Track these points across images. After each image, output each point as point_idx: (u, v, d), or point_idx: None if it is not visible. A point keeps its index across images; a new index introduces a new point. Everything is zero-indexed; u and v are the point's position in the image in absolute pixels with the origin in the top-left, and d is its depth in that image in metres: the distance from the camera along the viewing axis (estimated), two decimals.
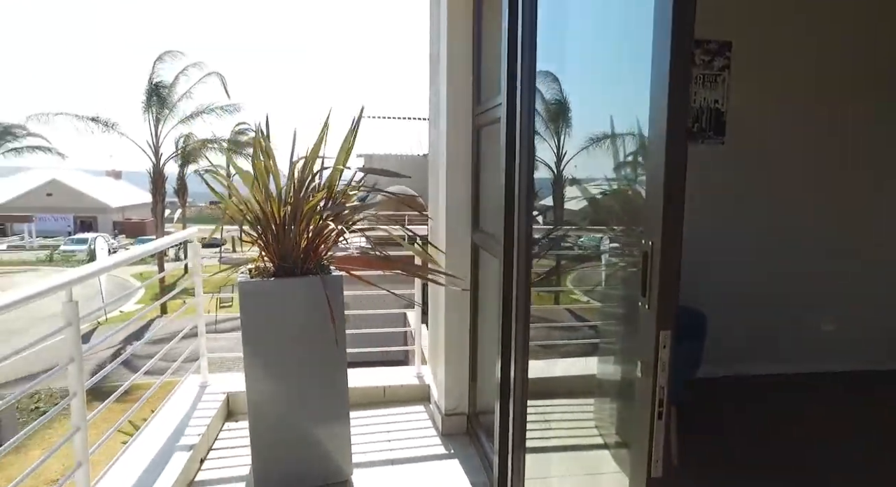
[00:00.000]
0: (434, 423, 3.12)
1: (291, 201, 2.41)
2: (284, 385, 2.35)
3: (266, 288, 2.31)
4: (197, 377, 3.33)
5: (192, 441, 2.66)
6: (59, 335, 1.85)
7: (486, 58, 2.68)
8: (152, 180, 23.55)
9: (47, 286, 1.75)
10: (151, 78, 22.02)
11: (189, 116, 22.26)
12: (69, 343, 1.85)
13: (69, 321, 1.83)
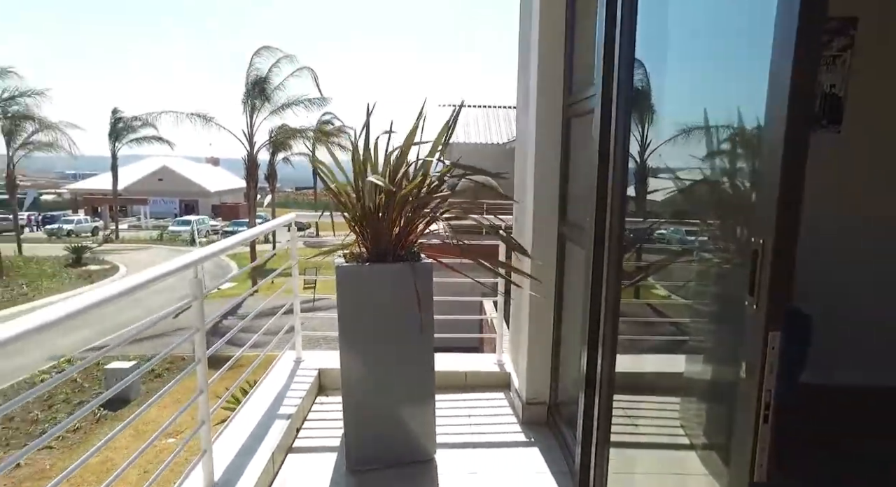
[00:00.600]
0: (514, 411, 3.16)
1: (385, 190, 2.52)
2: (376, 365, 2.48)
3: (361, 273, 2.44)
4: (292, 353, 3.58)
5: (289, 411, 2.89)
6: (188, 306, 2.08)
7: (580, 47, 2.64)
8: (246, 167, 25.14)
9: (179, 264, 1.97)
10: (249, 72, 23.44)
11: (280, 107, 23.44)
12: (194, 314, 2.07)
13: (195, 295, 2.05)
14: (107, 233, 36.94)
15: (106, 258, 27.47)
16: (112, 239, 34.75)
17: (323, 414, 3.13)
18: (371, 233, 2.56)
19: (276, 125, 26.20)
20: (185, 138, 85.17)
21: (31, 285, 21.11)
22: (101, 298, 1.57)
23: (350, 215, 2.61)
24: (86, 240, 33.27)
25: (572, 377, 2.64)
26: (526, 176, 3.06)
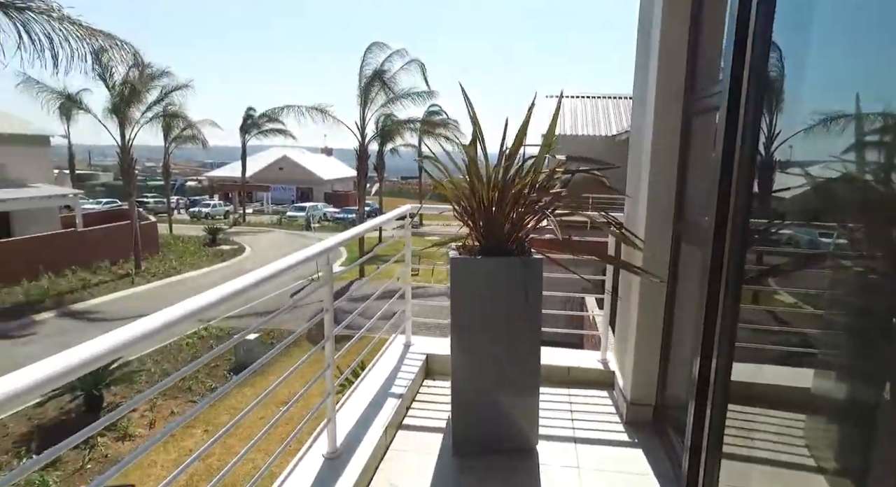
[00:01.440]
0: (618, 410, 3.13)
1: (499, 186, 2.60)
2: (484, 353, 2.60)
3: (474, 266, 2.56)
4: (402, 337, 3.82)
5: (400, 391, 3.11)
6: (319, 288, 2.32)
7: (705, 40, 2.51)
8: (357, 157, 26.48)
9: (314, 251, 2.20)
10: (362, 67, 24.60)
11: (390, 100, 24.31)
12: (325, 296, 2.31)
13: (326, 280, 2.29)
14: (236, 216, 40.95)
15: (234, 239, 30.52)
16: (240, 222, 38.49)
17: (430, 397, 3.32)
18: (483, 227, 2.66)
19: (384, 116, 27.35)
20: (304, 130, 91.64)
21: (178, 260, 24.08)
22: (253, 281, 1.80)
23: (461, 208, 2.73)
24: (219, 222, 37.14)
25: (682, 381, 2.57)
26: (641, 171, 2.99)
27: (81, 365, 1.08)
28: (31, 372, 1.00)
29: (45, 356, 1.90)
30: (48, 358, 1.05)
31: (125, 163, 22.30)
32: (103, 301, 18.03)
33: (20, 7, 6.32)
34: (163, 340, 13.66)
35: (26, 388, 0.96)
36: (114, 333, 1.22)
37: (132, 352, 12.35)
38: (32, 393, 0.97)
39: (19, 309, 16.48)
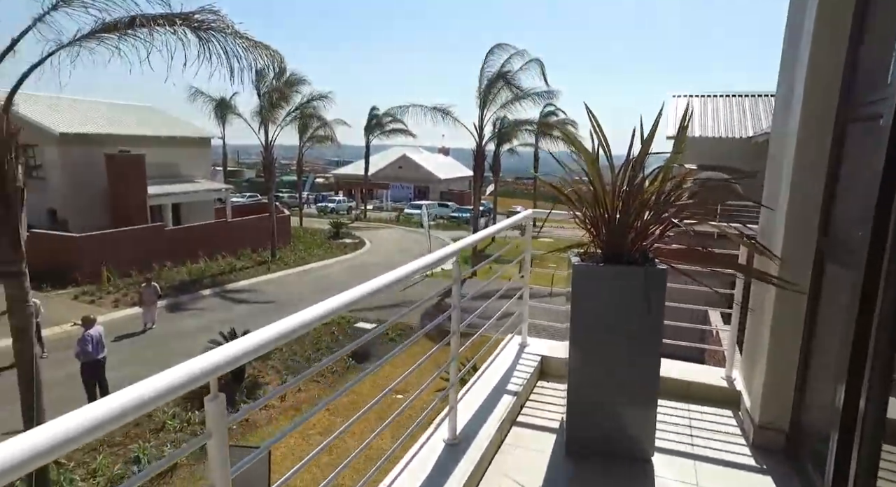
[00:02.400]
0: (743, 432, 2.97)
1: (624, 193, 2.61)
2: (603, 360, 2.62)
3: (596, 273, 2.60)
4: (518, 338, 3.93)
5: (515, 389, 3.22)
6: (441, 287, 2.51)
7: (872, 39, 2.31)
8: (474, 158, 26.91)
9: (445, 253, 2.39)
10: (483, 68, 24.97)
11: (509, 101, 24.38)
12: (454, 294, 2.50)
13: (455, 279, 2.48)
14: (357, 212, 43.67)
15: (356, 233, 32.61)
16: (361, 217, 41.00)
17: (544, 397, 3.40)
18: (606, 234, 2.68)
19: (502, 118, 27.51)
20: (423, 130, 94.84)
21: (307, 251, 26.33)
22: (394, 278, 2.02)
23: (583, 214, 2.76)
24: (343, 217, 39.91)
25: (823, 410, 2.39)
26: (781, 180, 2.80)
27: (264, 344, 1.35)
28: (235, 345, 1.28)
29: (203, 328, 2.22)
30: (237, 340, 1.32)
31: (267, 161, 24.83)
32: (246, 283, 20.29)
33: (206, 28, 7.39)
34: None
35: (226, 361, 1.24)
36: (284, 321, 1.48)
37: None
38: (233, 364, 1.25)
39: (186, 286, 19.13)
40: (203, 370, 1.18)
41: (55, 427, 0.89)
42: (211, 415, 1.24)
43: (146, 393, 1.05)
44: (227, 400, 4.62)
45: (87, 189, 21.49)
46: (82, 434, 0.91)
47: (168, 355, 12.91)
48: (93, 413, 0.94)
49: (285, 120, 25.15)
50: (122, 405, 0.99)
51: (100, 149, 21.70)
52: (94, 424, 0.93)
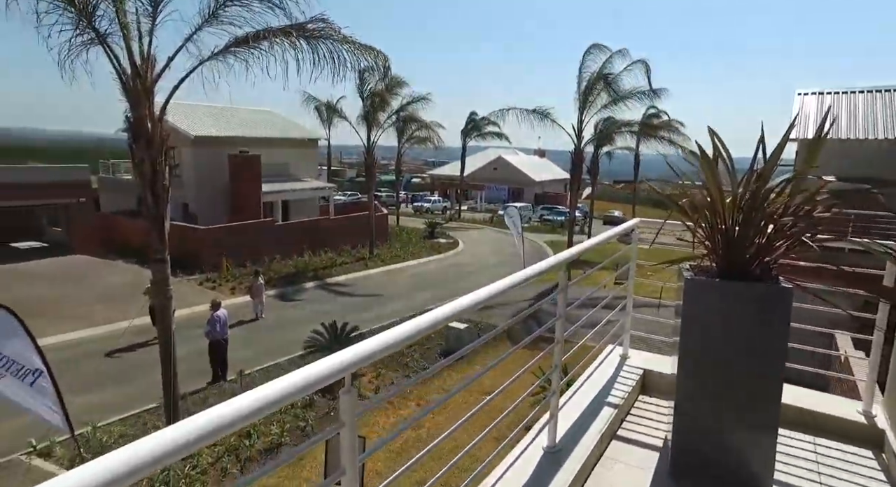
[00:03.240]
0: (889, 477, 2.66)
1: (746, 204, 2.45)
2: (715, 380, 2.49)
3: (711, 288, 2.47)
4: (619, 349, 3.82)
5: (615, 401, 3.15)
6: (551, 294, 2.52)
7: None
8: (572, 161, 26.30)
9: (553, 262, 2.40)
10: (581, 70, 24.32)
11: (611, 102, 23.57)
12: (559, 302, 2.50)
13: (561, 287, 2.48)
14: (452, 212, 44.36)
15: (450, 233, 33.15)
16: (455, 217, 41.60)
17: (646, 412, 3.28)
18: (723, 247, 2.54)
19: (603, 120, 26.63)
20: (520, 132, 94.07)
21: (402, 249, 27.22)
22: (505, 286, 2.07)
23: (697, 224, 2.62)
24: (437, 216, 40.74)
25: None
26: None
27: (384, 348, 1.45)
28: (352, 350, 1.39)
29: (306, 318, 2.37)
30: (356, 344, 1.43)
31: (368, 162, 25.99)
32: (345, 278, 21.41)
33: (317, 36, 7.96)
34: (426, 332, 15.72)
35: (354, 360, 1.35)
36: (411, 322, 1.58)
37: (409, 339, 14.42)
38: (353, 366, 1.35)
39: (291, 278, 20.60)
40: (340, 365, 1.30)
41: (212, 413, 1.01)
42: (344, 406, 1.36)
43: (288, 387, 1.17)
44: (326, 389, 5.06)
45: (212, 186, 23.83)
46: (236, 420, 1.02)
47: (276, 341, 13.99)
48: (241, 403, 1.06)
49: (386, 122, 26.15)
50: (267, 396, 1.11)
51: (224, 150, 23.95)
52: (246, 413, 1.05)
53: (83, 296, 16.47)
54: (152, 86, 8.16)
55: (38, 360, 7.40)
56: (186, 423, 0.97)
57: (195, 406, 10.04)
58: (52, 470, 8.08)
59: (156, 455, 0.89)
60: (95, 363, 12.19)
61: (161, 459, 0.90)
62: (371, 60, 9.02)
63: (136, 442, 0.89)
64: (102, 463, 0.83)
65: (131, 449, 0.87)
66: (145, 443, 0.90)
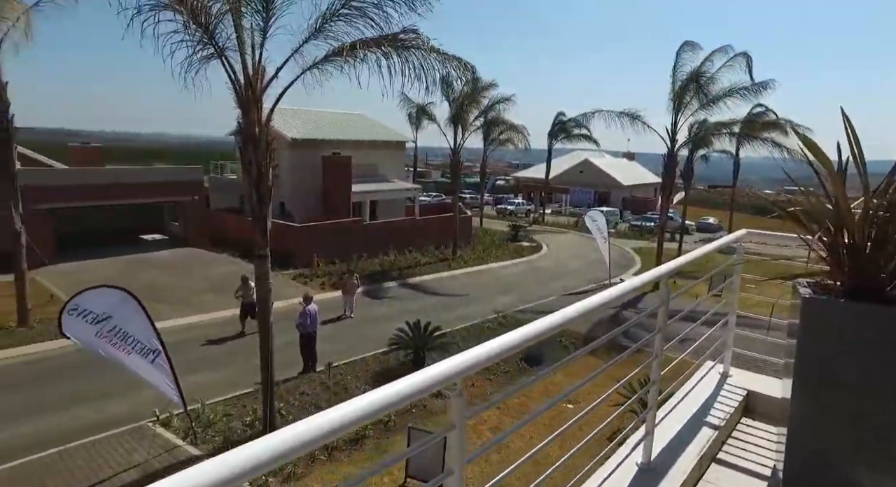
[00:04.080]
0: None
1: (881, 218, 2.23)
2: (838, 411, 2.28)
3: (834, 309, 2.27)
4: (720, 366, 3.61)
5: (715, 422, 2.98)
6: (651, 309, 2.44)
7: None
8: (664, 164, 25.07)
9: (652, 276, 2.33)
10: (675, 69, 23.06)
11: (709, 102, 22.21)
12: (659, 316, 2.42)
13: (663, 300, 2.40)
14: (535, 215, 43.81)
15: (533, 237, 32.77)
16: (539, 221, 41.04)
17: (750, 437, 3.08)
18: (851, 264, 2.32)
19: (699, 120, 25.12)
20: (608, 134, 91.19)
21: (485, 251, 27.31)
22: (603, 301, 2.02)
23: (817, 237, 2.42)
24: (521, 219, 40.39)
25: None
26: None
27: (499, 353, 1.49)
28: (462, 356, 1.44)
29: (390, 316, 2.41)
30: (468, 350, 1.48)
31: (454, 164, 26.33)
32: (428, 278, 21.85)
33: (408, 46, 8.25)
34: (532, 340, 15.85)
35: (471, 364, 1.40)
36: (516, 332, 1.60)
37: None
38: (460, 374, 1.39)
39: (377, 276, 21.35)
40: (452, 370, 1.36)
41: (330, 415, 1.08)
42: (455, 410, 1.42)
43: (404, 389, 1.23)
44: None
45: (306, 186, 25.26)
46: (356, 420, 1.10)
47: (361, 337, 14.58)
48: (359, 404, 1.12)
49: (473, 124, 26.32)
50: (382, 399, 1.17)
51: (318, 151, 25.31)
52: (366, 413, 1.12)
53: (193, 285, 18.11)
54: (261, 94, 8.82)
55: (156, 341, 8.27)
56: (312, 421, 1.06)
57: (288, 393, 10.70)
58: (170, 438, 8.99)
59: (295, 446, 1.00)
60: (200, 347, 13.36)
61: (296, 449, 1.00)
62: (458, 70, 9.20)
63: (276, 433, 1.00)
64: (260, 445, 0.94)
65: (268, 440, 0.97)
66: (281, 435, 1.00)
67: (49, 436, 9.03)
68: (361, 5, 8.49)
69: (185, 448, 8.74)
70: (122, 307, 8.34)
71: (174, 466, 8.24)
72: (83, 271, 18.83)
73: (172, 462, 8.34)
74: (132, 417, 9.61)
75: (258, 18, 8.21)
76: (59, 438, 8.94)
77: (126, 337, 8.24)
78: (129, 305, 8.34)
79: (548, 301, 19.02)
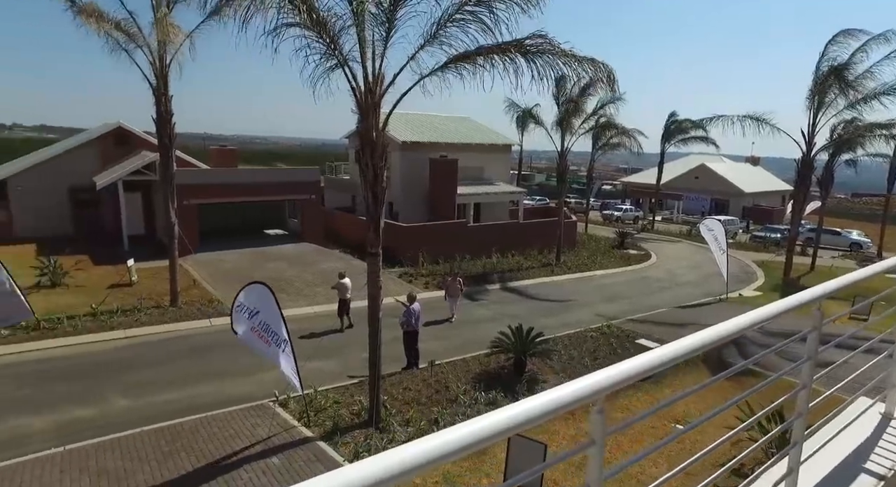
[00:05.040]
0: None
1: None
2: None
3: None
4: (880, 406, 3.18)
5: (877, 470, 2.63)
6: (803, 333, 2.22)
7: None
8: (797, 171, 22.68)
9: (807, 297, 2.11)
10: (820, 63, 20.67)
11: (863, 98, 19.69)
12: (809, 343, 2.19)
13: (815, 325, 2.17)
14: (644, 222, 41.61)
15: (641, 244, 31.14)
16: (648, 228, 38.91)
17: None
18: None
19: (844, 121, 22.33)
20: (729, 136, 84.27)
21: (589, 258, 26.44)
22: (749, 322, 1.87)
23: None
24: (628, 226, 38.59)
25: None
26: None
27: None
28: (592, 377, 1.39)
29: (491, 318, 2.33)
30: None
31: (561, 167, 25.77)
32: (529, 283, 21.60)
33: (535, 51, 8.21)
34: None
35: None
36: (665, 347, 1.53)
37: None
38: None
39: (479, 278, 21.51)
40: (594, 388, 1.33)
41: (477, 423, 1.11)
42: (595, 426, 1.39)
43: (545, 404, 1.23)
44: (508, 390, 5.15)
45: (413, 187, 26.10)
46: (500, 432, 1.12)
47: (462, 337, 14.76)
48: (499, 416, 1.14)
49: (581, 127, 25.56)
50: (528, 410, 1.18)
51: (426, 154, 26.05)
52: (507, 426, 1.14)
53: (308, 278, 19.46)
54: (379, 100, 9.26)
55: (285, 331, 9.03)
56: (464, 427, 1.09)
57: (392, 387, 11.11)
58: (287, 418, 9.75)
59: (446, 452, 1.04)
60: (313, 337, 14.30)
61: (445, 456, 1.04)
62: (592, 72, 8.91)
63: (429, 437, 1.04)
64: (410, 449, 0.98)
65: (420, 445, 1.01)
66: (431, 441, 1.04)
67: (192, 404, 10.23)
68: (475, 9, 8.59)
69: (300, 429, 9.41)
70: (265, 300, 9.24)
71: (292, 444, 8.93)
72: (219, 261, 21.03)
73: (290, 441, 9.02)
74: (256, 395, 10.56)
75: (381, 30, 8.62)
76: (199, 407, 10.09)
77: (268, 330, 9.13)
78: (268, 298, 9.21)
79: (658, 313, 17.97)
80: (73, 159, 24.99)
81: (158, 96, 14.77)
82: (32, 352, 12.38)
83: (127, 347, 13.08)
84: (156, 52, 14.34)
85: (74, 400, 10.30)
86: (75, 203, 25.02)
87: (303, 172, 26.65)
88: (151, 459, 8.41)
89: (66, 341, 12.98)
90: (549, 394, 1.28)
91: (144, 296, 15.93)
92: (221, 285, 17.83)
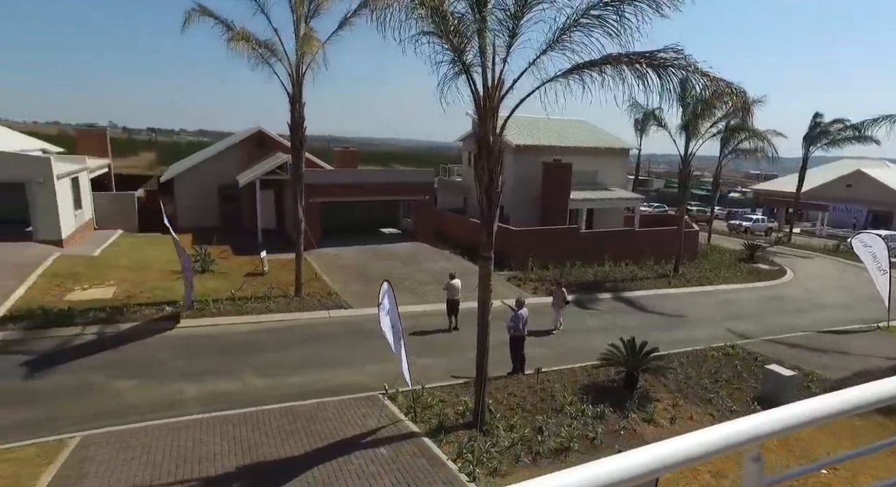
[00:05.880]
0: None
1: None
2: None
3: None
4: None
5: None
6: None
7: None
8: None
9: None
10: None
11: None
12: None
13: None
14: (779, 234, 37.53)
15: (775, 259, 28.11)
16: (783, 241, 35.03)
17: None
18: None
19: None
20: (889, 138, 73.12)
21: (712, 270, 24.45)
22: None
23: None
24: (759, 238, 35.04)
25: None
26: None
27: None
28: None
29: (601, 328, 2.17)
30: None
31: (684, 174, 24.08)
32: (643, 293, 20.46)
33: (668, 65, 7.86)
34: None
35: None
36: (830, 395, 1.39)
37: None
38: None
39: (589, 286, 20.81)
40: (750, 433, 1.24)
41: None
42: (750, 476, 1.30)
43: (689, 448, 1.19)
44: (617, 405, 4.90)
45: (525, 190, 25.91)
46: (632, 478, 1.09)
47: (570, 346, 14.39)
48: (632, 460, 1.11)
49: (708, 131, 23.68)
50: (667, 455, 1.15)
51: (539, 157, 25.72)
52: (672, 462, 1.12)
53: (419, 277, 20.12)
54: (498, 105, 9.32)
55: (400, 326, 9.48)
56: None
57: (496, 391, 11.14)
58: (395, 412, 10.20)
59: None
60: (424, 334, 14.75)
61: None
62: (727, 96, 8.37)
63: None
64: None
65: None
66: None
67: (311, 389, 11.10)
68: (601, 13, 8.32)
69: (407, 423, 9.77)
70: (390, 296, 9.80)
71: (399, 437, 9.31)
72: (339, 257, 22.50)
73: (396, 433, 9.42)
74: (367, 386, 11.16)
75: (504, 36, 8.68)
76: (317, 392, 10.91)
77: (396, 325, 9.68)
78: (391, 295, 9.76)
79: (792, 336, 16.14)
80: (222, 160, 28.35)
81: (293, 103, 16.13)
82: (187, 329, 14.21)
83: (257, 331, 14.49)
84: (293, 63, 15.69)
85: (217, 373, 11.67)
86: (222, 199, 28.31)
87: (419, 174, 27.62)
88: (276, 434, 9.23)
89: (211, 321, 14.71)
90: (699, 436, 1.22)
91: (273, 285, 17.54)
92: (339, 279, 19.07)
